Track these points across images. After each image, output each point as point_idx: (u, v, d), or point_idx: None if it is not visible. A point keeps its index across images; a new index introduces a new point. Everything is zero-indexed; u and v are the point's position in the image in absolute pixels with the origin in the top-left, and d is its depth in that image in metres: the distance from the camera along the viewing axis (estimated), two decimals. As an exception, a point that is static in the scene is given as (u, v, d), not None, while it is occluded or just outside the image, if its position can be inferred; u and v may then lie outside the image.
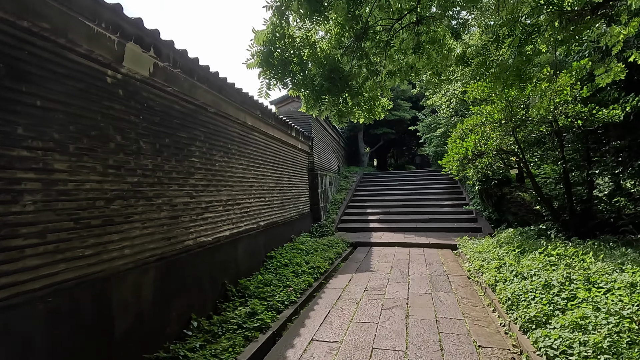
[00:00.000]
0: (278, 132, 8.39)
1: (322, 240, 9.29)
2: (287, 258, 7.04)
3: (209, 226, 5.06)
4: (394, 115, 20.83)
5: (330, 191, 14.04)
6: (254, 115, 6.76)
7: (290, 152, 9.67)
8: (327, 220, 11.89)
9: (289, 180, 9.31)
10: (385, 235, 10.62)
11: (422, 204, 13.29)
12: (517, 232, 8.65)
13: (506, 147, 8.60)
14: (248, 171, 6.62)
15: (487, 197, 11.01)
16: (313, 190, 11.54)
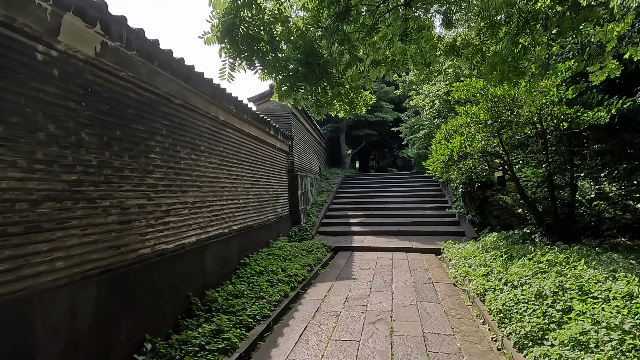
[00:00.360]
0: (255, 129, 7.86)
1: (302, 245, 8.79)
2: (263, 265, 6.51)
3: (171, 232, 4.49)
4: (376, 116, 20.61)
5: (311, 193, 13.57)
6: (227, 110, 6.21)
7: (269, 152, 9.14)
8: (307, 224, 11.40)
9: (266, 181, 8.78)
10: (367, 239, 10.23)
11: (404, 206, 13.01)
12: (501, 237, 8.43)
13: (491, 149, 8.37)
14: (220, 171, 6.06)
15: (470, 200, 10.82)
16: (293, 192, 11.03)
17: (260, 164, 8.35)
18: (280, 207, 9.95)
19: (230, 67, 2.63)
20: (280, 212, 9.84)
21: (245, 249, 6.82)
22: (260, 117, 8.00)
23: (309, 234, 10.55)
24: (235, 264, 6.28)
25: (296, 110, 11.85)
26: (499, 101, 7.59)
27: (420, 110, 14.91)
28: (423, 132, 13.32)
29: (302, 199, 11.74)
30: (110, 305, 3.31)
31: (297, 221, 10.96)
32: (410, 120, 15.42)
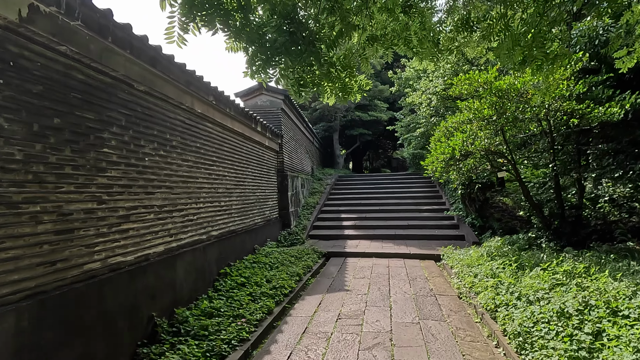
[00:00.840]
0: (239, 124, 7.17)
1: (291, 251, 8.12)
2: (246, 275, 5.82)
3: (131, 241, 3.79)
4: (370, 115, 20.03)
5: (302, 194, 12.91)
6: (204, 101, 5.53)
7: (255, 150, 8.46)
8: (297, 227, 10.73)
9: (253, 181, 8.10)
10: (362, 243, 9.60)
11: (400, 208, 12.41)
12: (505, 241, 7.86)
13: (494, 148, 7.80)
14: (197, 169, 5.37)
15: (470, 202, 10.26)
16: (282, 193, 10.36)
17: (245, 162, 7.67)
18: (269, 210, 9.26)
19: (181, 26, 1.96)
20: (268, 215, 9.16)
21: (226, 256, 6.13)
22: (246, 112, 7.32)
23: (300, 238, 9.88)
24: (214, 274, 5.58)
25: (286, 106, 11.19)
26: (504, 95, 7.02)
27: (416, 108, 14.35)
28: (419, 131, 12.75)
29: (293, 200, 11.08)
30: (40, 338, 2.61)
31: (287, 224, 10.29)
32: (406, 118, 14.86)
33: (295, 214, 11.28)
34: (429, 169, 8.31)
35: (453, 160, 7.35)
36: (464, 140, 7.16)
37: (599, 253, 6.10)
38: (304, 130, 14.71)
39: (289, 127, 11.75)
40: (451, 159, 7.39)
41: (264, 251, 7.62)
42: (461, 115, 7.64)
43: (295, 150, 12.74)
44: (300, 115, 13.23)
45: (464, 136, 7.23)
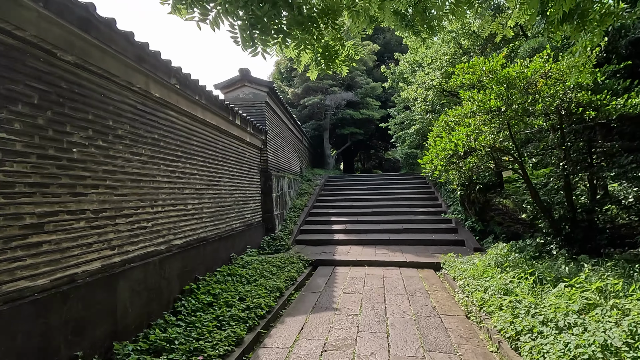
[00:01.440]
0: (213, 116, 6.25)
1: (273, 259, 7.22)
2: (215, 292, 4.90)
3: (46, 258, 2.85)
4: (362, 113, 19.24)
5: (290, 196, 12.00)
6: (165, 84, 4.60)
7: (234, 146, 7.53)
8: (282, 232, 9.82)
9: (230, 181, 7.17)
10: (353, 250, 8.73)
11: (394, 211, 11.60)
12: (512, 248, 7.09)
13: (499, 145, 7.02)
14: (154, 166, 4.44)
15: (469, 204, 9.50)
16: (266, 194, 9.44)
17: (221, 160, 6.74)
18: (250, 213, 8.34)
19: None
20: (249, 219, 8.23)
21: (193, 269, 5.19)
22: (221, 102, 6.40)
23: (285, 244, 8.97)
24: (175, 292, 4.64)
25: (271, 100, 10.28)
26: (512, 85, 6.25)
27: (411, 105, 13.59)
28: (415, 128, 11.97)
29: (278, 202, 10.16)
30: None
31: (270, 229, 9.37)
32: (400, 115, 14.06)
33: (281, 217, 10.37)
34: (427, 167, 7.50)
35: (456, 157, 6.55)
36: (468, 135, 6.36)
37: (622, 262, 5.35)
38: (291, 128, 13.82)
39: (274, 123, 10.84)
40: (453, 156, 6.58)
41: (242, 260, 6.69)
42: (464, 107, 6.85)
43: (282, 148, 11.84)
44: (287, 111, 12.33)
45: (467, 130, 6.43)
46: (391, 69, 13.41)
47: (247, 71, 9.65)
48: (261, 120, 9.72)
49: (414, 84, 10.73)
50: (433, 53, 10.19)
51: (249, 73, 9.67)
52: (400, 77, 12.82)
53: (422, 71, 11.14)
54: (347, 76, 18.50)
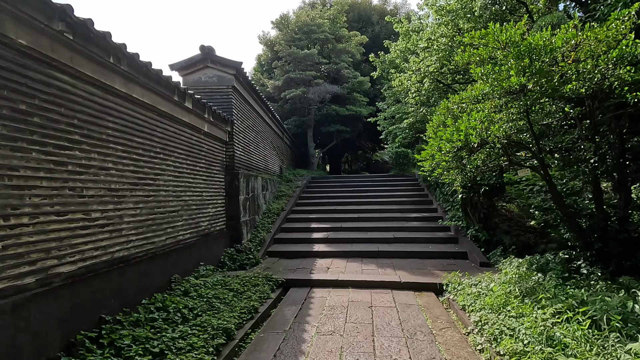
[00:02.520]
0: (145, 92, 4.65)
1: (233, 280, 5.64)
2: (123, 344, 3.28)
3: None
4: (348, 109, 17.81)
5: (264, 199, 10.42)
6: (41, 28, 2.99)
7: (184, 135, 5.93)
8: (252, 242, 8.23)
9: (176, 179, 5.56)
10: (335, 264, 7.21)
11: (383, 216, 10.15)
12: (530, 265, 5.73)
13: (515, 137, 5.64)
14: (14, 152, 2.82)
15: (472, 209, 8.10)
16: (232, 197, 7.84)
17: (161, 152, 5.13)
18: (208, 220, 6.73)
19: None
20: (206, 227, 6.62)
21: (97, 307, 3.57)
22: (158, 74, 4.80)
23: (253, 257, 7.39)
24: (54, 350, 3.01)
25: (241, 85, 8.70)
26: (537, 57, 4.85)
27: (401, 97, 12.20)
28: (407, 122, 10.54)
29: (248, 206, 8.57)
30: None
31: (236, 239, 7.76)
32: (390, 108, 12.62)
33: (251, 223, 8.77)
34: (426, 165, 6.06)
35: (467, 149, 5.11)
36: (482, 121, 4.93)
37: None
38: (268, 122, 12.23)
39: (245, 113, 9.25)
40: (463, 149, 5.13)
41: (187, 284, 5.08)
42: (473, 88, 5.43)
43: (255, 144, 10.25)
44: (262, 101, 10.74)
45: (481, 115, 5.01)
46: (381, 58, 12.00)
47: (210, 49, 8.05)
48: (227, 109, 8.13)
49: (408, 70, 9.31)
50: (429, 34, 8.79)
51: (212, 51, 8.08)
52: (390, 65, 11.42)
53: (415, 57, 9.74)
54: (333, 68, 17.04)
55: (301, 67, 15.99)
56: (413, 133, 11.13)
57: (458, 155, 5.25)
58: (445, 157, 5.32)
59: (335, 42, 17.69)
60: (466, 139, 4.97)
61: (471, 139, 4.88)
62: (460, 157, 5.29)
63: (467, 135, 4.96)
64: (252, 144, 9.81)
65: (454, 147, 5.15)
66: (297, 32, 17.07)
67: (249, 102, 9.60)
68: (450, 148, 5.23)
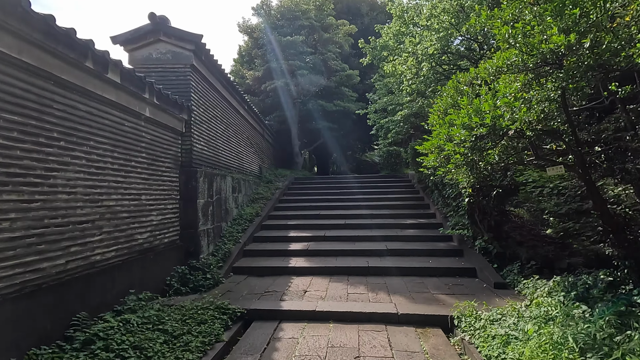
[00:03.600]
0: (37, 51, 3.14)
1: (173, 315, 4.16)
2: None
3: None
4: (336, 105, 16.41)
5: (235, 202, 8.91)
6: None
7: (109, 120, 4.40)
8: (215, 255, 6.72)
9: (92, 177, 4.04)
10: (315, 285, 5.77)
11: (374, 223, 8.75)
12: (568, 292, 4.40)
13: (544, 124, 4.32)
14: None
15: (481, 216, 6.76)
16: (187, 200, 6.33)
17: (63, 138, 3.61)
18: (149, 231, 5.20)
19: None
20: (146, 241, 5.09)
21: None
22: (61, 30, 3.28)
23: (212, 276, 5.89)
24: None
25: (202, 64, 7.18)
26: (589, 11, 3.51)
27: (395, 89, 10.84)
28: (402, 114, 9.18)
29: (211, 212, 7.06)
30: None
31: (193, 252, 6.24)
32: (383, 99, 11.24)
33: (215, 232, 7.25)
34: (429, 160, 4.70)
35: (494, 135, 3.73)
36: (516, 97, 3.57)
37: None
38: (244, 114, 10.72)
39: (209, 100, 7.74)
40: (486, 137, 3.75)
41: (94, 329, 3.54)
42: (497, 57, 4.07)
43: (225, 138, 8.73)
44: (233, 88, 9.23)
45: (514, 89, 3.64)
46: (372, 43, 10.64)
47: (163, 19, 6.53)
48: (185, 93, 6.61)
49: (403, 53, 7.93)
50: (430, 9, 7.44)
51: (165, 22, 6.57)
52: (381, 51, 10.07)
53: (411, 39, 8.38)
54: (319, 59, 15.62)
55: (284, 56, 14.55)
56: (408, 127, 9.81)
57: (478, 146, 3.86)
58: (460, 149, 3.93)
59: (322, 31, 16.31)
60: (493, 123, 3.58)
61: (501, 122, 3.50)
62: (480, 149, 3.91)
63: (495, 118, 3.57)
64: (219, 138, 8.29)
65: (472, 136, 3.76)
66: (280, 18, 15.63)
67: (216, 87, 8.09)
68: (466, 136, 3.85)
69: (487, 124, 3.50)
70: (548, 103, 4.03)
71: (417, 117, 10.05)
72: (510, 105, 3.55)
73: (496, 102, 3.68)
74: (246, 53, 17.65)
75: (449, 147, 3.97)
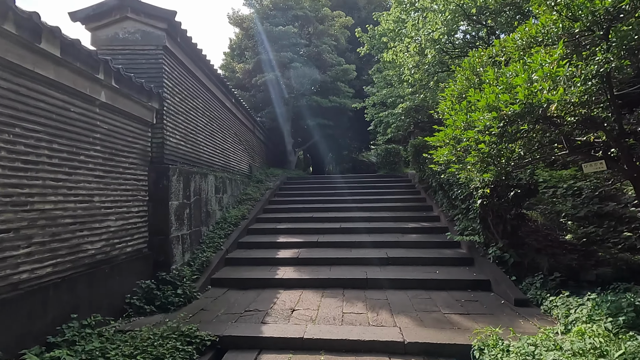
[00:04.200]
0: None
1: (121, 349, 3.28)
2: None
3: None
4: (331, 101, 15.58)
5: (219, 204, 8.04)
6: None
7: (45, 103, 3.53)
8: (190, 265, 5.85)
9: (17, 174, 3.16)
10: (305, 301, 4.92)
11: (373, 227, 7.92)
12: (615, 317, 3.58)
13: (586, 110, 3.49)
14: None
15: (495, 220, 5.94)
16: (158, 202, 5.46)
17: None
18: (104, 240, 4.33)
19: None
20: (99, 252, 4.22)
21: None
22: None
23: (183, 292, 5.02)
24: None
25: (177, 46, 6.32)
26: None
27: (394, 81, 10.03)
28: (404, 106, 8.35)
29: (187, 215, 6.19)
30: None
31: (163, 263, 5.37)
32: (382, 91, 10.38)
33: (193, 239, 6.38)
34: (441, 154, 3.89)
35: (530, 115, 2.90)
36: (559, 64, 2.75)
37: None
38: (231, 108, 9.85)
39: (187, 89, 6.86)
40: (523, 117, 2.91)
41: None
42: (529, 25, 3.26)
43: (208, 133, 7.85)
44: (217, 78, 8.35)
45: (556, 56, 2.82)
46: (369, 32, 9.82)
47: (130, -7, 5.66)
48: (156, 78, 5.75)
49: (406, 38, 7.10)
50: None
51: (134, -4, 5.70)
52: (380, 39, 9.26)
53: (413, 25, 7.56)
54: (313, 51, 14.78)
55: (276, 47, 13.69)
56: (409, 121, 9.00)
57: (508, 133, 3.03)
58: (484, 137, 3.10)
59: (317, 22, 15.47)
60: (528, 101, 2.75)
61: (540, 97, 2.67)
62: (510, 137, 3.08)
63: (531, 95, 2.74)
64: (200, 132, 7.42)
65: (499, 119, 2.93)
66: (272, 8, 14.77)
67: (197, 75, 7.22)
68: (492, 121, 3.01)
69: (520, 100, 2.68)
70: (591, 82, 3.21)
71: (419, 111, 9.24)
72: (552, 75, 2.73)
73: (531, 75, 2.86)
74: (237, 46, 16.77)
75: (469, 135, 3.14)
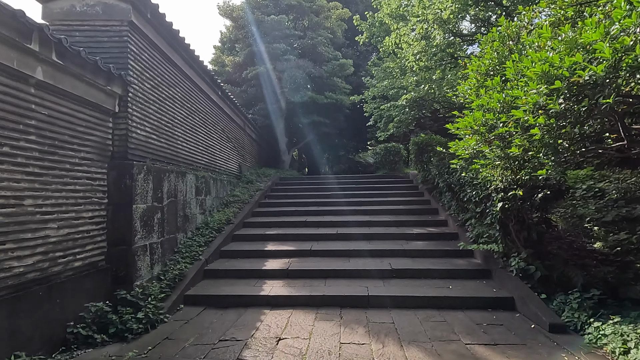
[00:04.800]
0: None
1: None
2: None
3: None
4: (327, 97, 14.74)
5: (201, 207, 7.15)
6: None
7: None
8: (159, 280, 4.95)
9: None
10: (294, 324, 4.05)
11: (373, 233, 7.07)
12: None
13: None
14: None
15: (517, 226, 5.11)
16: (119, 206, 4.56)
17: None
18: (40, 253, 3.43)
19: None
20: (30, 270, 3.32)
21: None
22: None
23: (145, 315, 4.12)
24: None
25: (152, 27, 5.43)
26: None
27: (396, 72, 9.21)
28: (407, 97, 7.50)
29: (158, 221, 5.29)
30: None
31: (124, 278, 4.47)
32: (382, 82, 9.53)
33: (165, 248, 5.48)
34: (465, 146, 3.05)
35: (630, 73, 2.03)
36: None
37: None
38: (217, 101, 8.97)
39: (161, 74, 5.97)
40: (612, 82, 2.06)
41: None
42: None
43: (189, 126, 6.95)
44: (199, 66, 7.45)
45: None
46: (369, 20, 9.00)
47: (89, -42, 4.78)
48: (119, 58, 4.86)
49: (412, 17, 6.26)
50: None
51: (93, -38, 4.81)
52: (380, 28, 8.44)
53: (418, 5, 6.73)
54: (308, 43, 13.94)
55: (268, 39, 12.84)
56: (414, 113, 8.16)
57: (574, 110, 2.18)
58: (538, 119, 2.24)
59: (312, 14, 14.65)
60: (617, 54, 1.90)
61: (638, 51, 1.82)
62: (578, 117, 2.23)
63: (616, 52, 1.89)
64: (178, 126, 6.52)
65: (570, 86, 2.07)
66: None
67: (173, 60, 6.34)
68: (546, 97, 2.16)
69: (606, 58, 1.83)
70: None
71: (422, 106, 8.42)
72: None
73: (610, 29, 2.01)
74: (227, 39, 15.89)
75: (518, 115, 2.29)
